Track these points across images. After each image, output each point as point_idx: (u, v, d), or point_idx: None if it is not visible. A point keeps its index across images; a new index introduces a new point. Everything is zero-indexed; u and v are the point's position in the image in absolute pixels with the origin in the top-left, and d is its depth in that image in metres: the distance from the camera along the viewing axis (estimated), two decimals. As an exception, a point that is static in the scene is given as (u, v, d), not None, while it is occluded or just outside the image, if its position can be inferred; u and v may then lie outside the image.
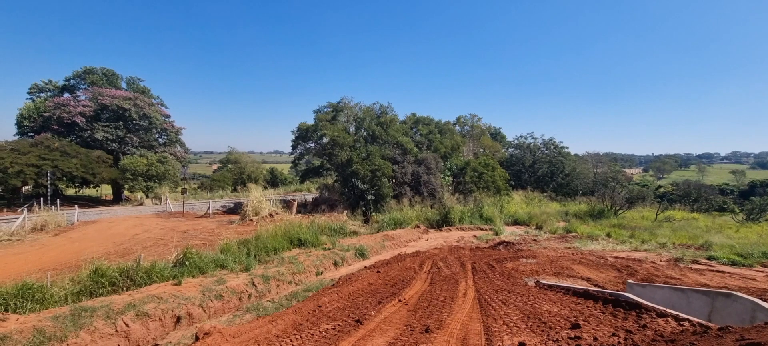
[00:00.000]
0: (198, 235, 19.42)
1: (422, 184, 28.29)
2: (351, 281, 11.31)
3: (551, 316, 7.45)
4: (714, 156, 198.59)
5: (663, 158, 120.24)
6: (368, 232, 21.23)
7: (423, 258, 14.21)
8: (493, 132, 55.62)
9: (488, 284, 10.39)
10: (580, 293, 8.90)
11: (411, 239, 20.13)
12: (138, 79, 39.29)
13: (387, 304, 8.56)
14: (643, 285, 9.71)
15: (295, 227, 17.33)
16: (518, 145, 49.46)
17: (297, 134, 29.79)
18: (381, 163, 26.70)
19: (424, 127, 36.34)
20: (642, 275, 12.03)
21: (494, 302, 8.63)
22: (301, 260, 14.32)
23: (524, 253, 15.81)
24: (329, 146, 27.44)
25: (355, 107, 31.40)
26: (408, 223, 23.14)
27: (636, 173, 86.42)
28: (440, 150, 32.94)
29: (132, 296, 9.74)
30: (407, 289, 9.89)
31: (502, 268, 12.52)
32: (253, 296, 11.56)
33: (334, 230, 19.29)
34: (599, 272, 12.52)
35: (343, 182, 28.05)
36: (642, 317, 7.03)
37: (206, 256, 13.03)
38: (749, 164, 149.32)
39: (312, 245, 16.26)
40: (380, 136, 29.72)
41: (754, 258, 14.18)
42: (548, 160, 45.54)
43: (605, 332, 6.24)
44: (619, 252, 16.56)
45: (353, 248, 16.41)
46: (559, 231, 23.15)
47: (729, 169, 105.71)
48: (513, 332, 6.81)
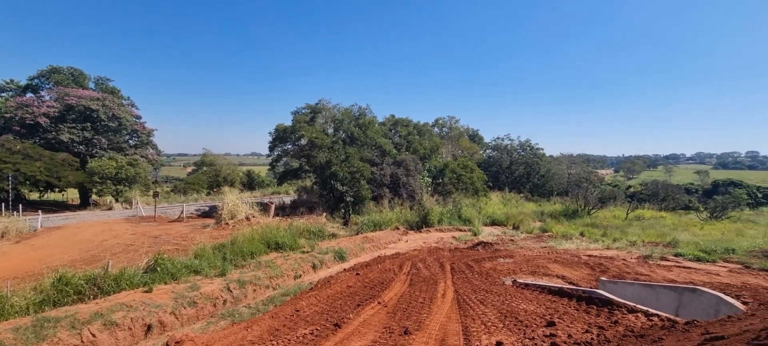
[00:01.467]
0: (171, 240, 18.77)
1: (401, 185, 28.35)
2: (330, 284, 11.17)
3: (528, 315, 7.55)
4: (680, 157, 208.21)
5: (633, 159, 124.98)
6: (347, 234, 21.08)
7: (402, 260, 14.20)
8: (471, 134, 56.41)
9: (467, 284, 10.46)
10: (556, 292, 9.07)
11: (390, 241, 20.11)
12: (107, 79, 37.73)
13: (366, 306, 8.48)
14: (614, 282, 10.00)
15: (273, 230, 17.00)
16: (495, 147, 50.36)
17: (274, 136, 29.29)
18: (360, 165, 26.59)
19: (403, 128, 36.46)
20: (614, 272, 12.40)
21: (472, 302, 8.69)
22: (278, 263, 14.05)
23: (502, 253, 16.04)
24: (307, 148, 27.11)
25: (334, 109, 31.17)
26: (387, 225, 23.12)
27: (608, 173, 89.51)
28: (419, 152, 33.11)
29: (99, 304, 9.29)
30: (387, 291, 9.84)
31: (480, 268, 12.65)
32: (229, 302, 11.25)
33: (312, 232, 19.04)
34: (573, 270, 12.83)
35: (322, 184, 27.77)
36: (614, 313, 7.22)
37: (179, 261, 12.60)
38: (712, 165, 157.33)
39: (290, 248, 15.99)
40: (359, 138, 29.61)
41: (717, 254, 14.86)
42: (524, 161, 46.55)
43: (579, 329, 6.37)
44: (592, 250, 17.04)
45: (332, 251, 16.24)
46: (535, 231, 23.64)
47: (694, 169, 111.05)
48: (491, 331, 6.86)
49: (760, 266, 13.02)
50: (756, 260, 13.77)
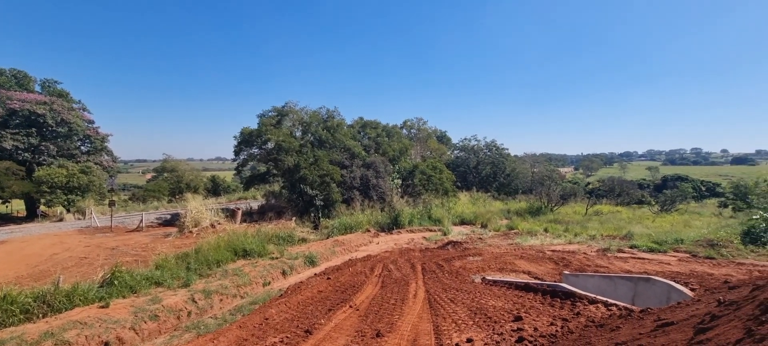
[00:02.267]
0: (129, 251, 17.78)
1: (371, 188, 28.34)
2: (300, 289, 10.97)
3: (496, 310, 7.73)
4: (633, 154, 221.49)
5: (591, 157, 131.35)
6: (318, 238, 20.81)
7: (374, 262, 14.17)
8: (439, 135, 57.30)
9: (437, 283, 10.59)
10: (522, 287, 9.36)
11: (362, 244, 20.04)
12: (55, 82, 35.20)
13: (338, 311, 8.39)
14: (576, 275, 10.45)
15: (240, 236, 16.50)
16: (463, 148, 51.43)
17: (240, 139, 28.45)
18: (329, 168, 26.34)
19: (372, 130, 36.50)
20: (576, 265, 12.94)
21: (443, 301, 8.80)
22: (246, 271, 13.64)
23: (471, 251, 16.37)
24: (275, 152, 26.54)
25: (301, 112, 30.71)
26: (358, 227, 23.02)
27: (568, 171, 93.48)
28: (389, 153, 33.24)
29: (49, 323, 8.64)
30: (358, 294, 9.78)
31: (450, 267, 12.84)
32: (194, 314, 10.79)
33: (281, 238, 18.64)
34: (539, 265, 13.28)
35: (291, 188, 27.27)
36: (576, 305, 7.53)
37: (139, 273, 11.96)
38: (662, 161, 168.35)
39: (258, 254, 15.57)
40: (328, 141, 29.34)
41: (667, 245, 15.87)
42: (491, 161, 47.82)
43: (544, 322, 6.60)
44: (556, 245, 17.74)
45: (302, 256, 15.97)
46: (502, 228, 24.31)
47: (645, 165, 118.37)
48: (461, 329, 6.98)
49: (706, 255, 14.03)
50: (702, 249, 14.83)
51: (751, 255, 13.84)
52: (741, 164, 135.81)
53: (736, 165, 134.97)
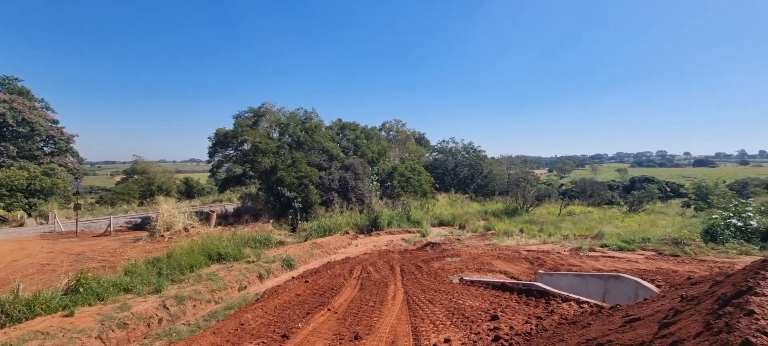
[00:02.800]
0: (96, 256, 17.02)
1: (350, 189, 28.23)
2: (277, 293, 10.79)
3: (473, 310, 7.84)
4: (603, 157, 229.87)
5: (564, 159, 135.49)
6: (296, 241, 20.53)
7: (353, 264, 14.11)
8: (417, 137, 57.70)
9: (416, 284, 10.63)
10: (499, 286, 9.53)
11: (340, 246, 19.91)
12: (15, 79, 33.33)
13: (316, 314, 8.30)
14: (550, 274, 10.72)
15: (215, 240, 16.07)
16: (441, 150, 52.00)
17: (215, 140, 27.74)
18: (307, 169, 26.07)
19: (351, 132, 36.39)
20: (550, 265, 13.27)
21: (422, 302, 8.84)
22: (221, 275, 13.30)
23: (449, 252, 16.53)
24: (251, 153, 26.03)
25: (279, 112, 30.26)
26: (337, 229, 22.87)
27: (543, 173, 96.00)
28: (367, 155, 33.20)
29: (8, 334, 8.15)
30: (337, 297, 9.71)
31: (429, 268, 12.93)
32: (166, 321, 10.42)
33: (258, 241, 18.29)
34: (514, 265, 13.55)
35: (268, 190, 26.83)
36: (550, 304, 7.73)
37: (106, 279, 11.46)
38: (630, 163, 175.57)
39: (234, 258, 15.21)
40: (306, 142, 29.04)
41: (635, 243, 16.50)
42: (469, 163, 48.55)
43: (520, 321, 6.74)
44: (531, 245, 18.14)
45: (280, 259, 15.71)
46: (479, 229, 24.67)
47: (615, 167, 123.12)
48: (439, 329, 7.03)
49: (671, 252, 14.68)
50: (667, 246, 15.50)
51: (711, 252, 14.57)
52: (702, 166, 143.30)
53: (697, 167, 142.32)
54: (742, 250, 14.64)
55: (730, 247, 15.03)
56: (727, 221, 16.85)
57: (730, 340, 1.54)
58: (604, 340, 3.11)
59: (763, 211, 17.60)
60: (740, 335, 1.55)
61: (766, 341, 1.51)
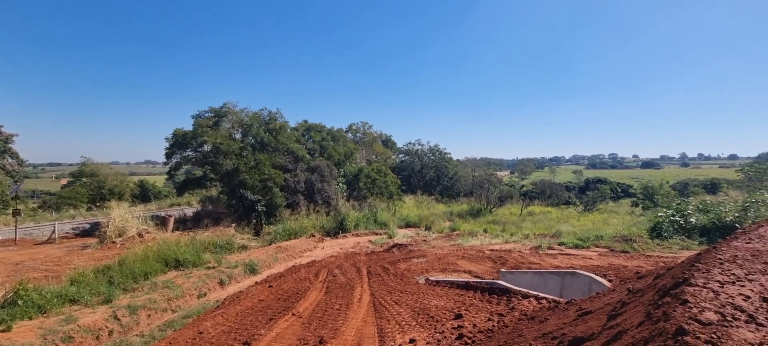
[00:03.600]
0: (38, 266, 15.71)
1: (316, 192, 27.86)
2: (239, 299, 10.42)
3: (438, 310, 7.94)
4: (561, 159, 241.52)
5: (525, 162, 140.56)
6: (259, 245, 19.98)
7: (318, 267, 13.91)
8: (384, 139, 57.91)
9: (383, 286, 10.64)
10: (463, 286, 9.72)
11: (306, 249, 19.58)
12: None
13: (279, 319, 8.10)
14: (512, 272, 11.09)
15: (172, 246, 15.31)
16: (407, 152, 52.48)
17: (172, 141, 26.43)
18: (272, 171, 25.46)
19: (317, 134, 35.95)
20: (511, 263, 13.71)
21: (388, 304, 8.86)
22: (179, 283, 12.69)
23: (415, 253, 16.68)
24: (212, 155, 25.06)
25: (241, 113, 29.33)
26: (303, 232, 22.48)
27: (505, 174, 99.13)
28: (334, 157, 32.93)
29: (-73, 356, 7.35)
30: (302, 301, 9.52)
31: (395, 269, 12.97)
32: (117, 332, 9.79)
33: (219, 246, 17.62)
34: (478, 264, 13.89)
35: (230, 193, 25.93)
36: (511, 301, 7.97)
37: (49, 290, 10.63)
38: (585, 165, 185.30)
39: (193, 264, 14.56)
40: (270, 144, 28.35)
41: (590, 241, 17.42)
42: (434, 165, 49.32)
43: (482, 318, 6.90)
44: (494, 245, 18.68)
45: (242, 264, 15.21)
46: (445, 230, 25.10)
47: (571, 169, 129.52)
48: (404, 330, 7.06)
49: (621, 249, 15.62)
50: (618, 243, 16.48)
51: (657, 248, 15.65)
52: (649, 168, 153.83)
53: (645, 169, 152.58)
54: (684, 245, 15.84)
55: (673, 242, 16.22)
56: (671, 219, 18.19)
57: (667, 327, 1.65)
58: (559, 333, 3.24)
59: (701, 209, 19.13)
60: (675, 322, 1.66)
61: (697, 327, 1.63)
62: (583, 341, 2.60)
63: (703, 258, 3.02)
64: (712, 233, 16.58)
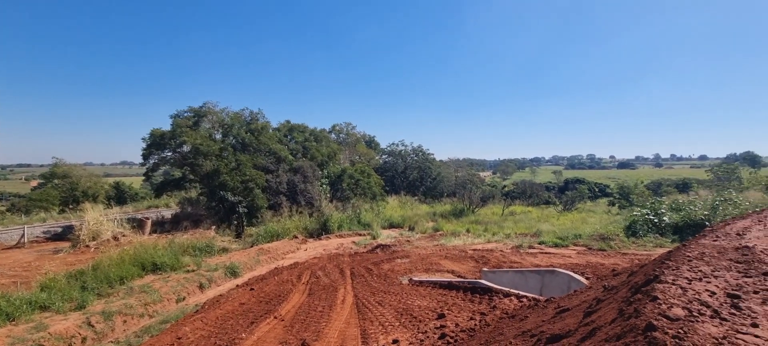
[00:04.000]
0: (6, 272, 15.04)
1: (299, 193, 27.61)
2: (219, 303, 10.23)
3: (421, 310, 7.99)
4: (541, 160, 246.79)
5: (506, 162, 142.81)
6: (241, 247, 19.65)
7: (301, 269, 13.78)
8: (367, 140, 57.84)
9: (366, 287, 10.63)
10: (446, 285, 9.80)
11: (289, 251, 19.38)
12: None
13: (261, 323, 7.98)
14: (494, 271, 11.24)
15: (149, 249, 14.90)
16: (391, 153, 52.54)
17: (150, 142, 25.70)
18: (253, 172, 25.09)
19: (300, 134, 35.64)
20: (493, 262, 13.91)
21: (371, 305, 8.85)
22: (156, 287, 12.36)
23: (399, 253, 16.72)
24: (191, 155, 24.51)
25: (222, 113, 28.79)
26: (285, 234, 22.23)
27: (487, 175, 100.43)
28: (317, 158, 32.69)
29: None
30: (284, 303, 9.42)
31: (379, 270, 12.98)
32: (90, 339, 9.46)
33: (199, 248, 17.24)
34: (461, 264, 14.03)
35: (210, 195, 25.41)
36: (493, 299, 8.09)
37: (18, 297, 10.20)
38: (564, 166, 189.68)
39: (171, 268, 14.22)
40: (251, 144, 27.93)
41: (569, 240, 17.83)
42: (418, 166, 49.54)
43: (465, 318, 6.98)
44: (477, 245, 18.90)
45: (223, 267, 14.93)
46: (428, 231, 25.25)
47: (551, 170, 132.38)
48: (387, 331, 7.07)
49: (598, 247, 16.05)
50: (595, 242, 16.93)
51: (632, 246, 16.15)
52: (625, 168, 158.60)
53: (621, 169, 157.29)
54: (657, 243, 16.40)
55: (647, 240, 16.78)
56: (645, 218, 18.81)
57: (637, 324, 1.71)
58: (538, 331, 3.31)
59: (674, 208, 19.85)
60: (645, 318, 1.72)
61: (665, 323, 1.69)
62: (560, 338, 2.66)
63: (673, 256, 3.13)
64: (683, 230, 17.23)
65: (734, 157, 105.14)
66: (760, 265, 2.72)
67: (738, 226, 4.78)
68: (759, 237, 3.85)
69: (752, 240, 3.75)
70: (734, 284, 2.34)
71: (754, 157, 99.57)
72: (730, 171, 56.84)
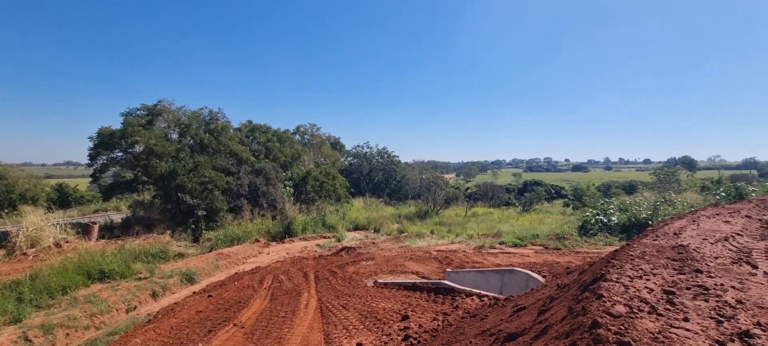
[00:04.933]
0: (-75, 284, 13.49)
1: (261, 195, 26.89)
2: (174, 312, 9.74)
3: (386, 312, 8.02)
4: (502, 162, 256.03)
5: (469, 165, 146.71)
6: (198, 252, 18.83)
7: (263, 274, 13.41)
8: (333, 142, 57.39)
9: (330, 290, 10.52)
10: (410, 287, 9.91)
11: (250, 255, 18.80)
12: None
13: (219, 331, 7.69)
14: (457, 272, 11.50)
15: (96, 256, 13.92)
16: (356, 155, 52.45)
17: (97, 141, 24.03)
18: (213, 174, 24.13)
19: (262, 135, 34.74)
20: (457, 263, 14.22)
21: (335, 308, 8.78)
22: (104, 296, 11.57)
23: (364, 256, 16.69)
24: (145, 156, 23.21)
25: (178, 112, 27.50)
26: (247, 238, 21.56)
27: (451, 177, 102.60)
28: (280, 159, 32.01)
29: None
30: (244, 310, 9.12)
31: (343, 273, 12.88)
32: (27, 356, 8.69)
33: (152, 254, 16.33)
34: (425, 265, 14.22)
35: (165, 197, 24.14)
36: (456, 299, 8.27)
37: (-62, 313, 9.17)
38: (523, 168, 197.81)
39: (121, 275, 13.36)
40: (211, 145, 26.87)
41: (527, 240, 18.59)
42: (383, 168, 49.78)
43: (428, 318, 7.08)
44: (441, 246, 19.25)
45: (178, 273, 14.23)
46: (393, 232, 25.41)
47: (511, 172, 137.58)
48: (352, 334, 7.04)
49: (554, 246, 16.85)
50: (551, 241, 17.76)
51: (585, 245, 17.10)
52: (578, 171, 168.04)
53: (575, 172, 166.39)
54: (607, 241, 17.46)
55: (598, 239, 17.83)
56: (596, 218, 19.98)
57: (584, 321, 1.82)
58: (496, 329, 3.42)
59: (621, 209, 21.24)
60: (591, 316, 1.83)
61: (608, 320, 1.81)
62: (516, 337, 2.77)
63: (618, 255, 3.35)
64: (630, 229, 18.47)
65: (674, 161, 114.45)
66: (693, 262, 2.98)
67: (675, 226, 5.20)
68: (692, 236, 4.22)
69: (687, 239, 4.09)
70: (670, 281, 2.54)
71: (691, 161, 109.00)
72: (670, 174, 61.75)
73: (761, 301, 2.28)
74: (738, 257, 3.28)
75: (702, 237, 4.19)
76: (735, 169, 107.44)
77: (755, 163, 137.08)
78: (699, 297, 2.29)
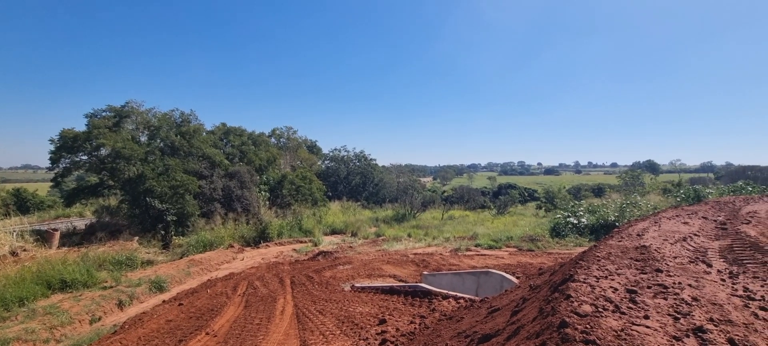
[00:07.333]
0: None
1: (235, 199, 26.28)
2: (143, 321, 9.36)
3: (363, 316, 7.99)
4: (477, 166, 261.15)
5: (446, 168, 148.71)
6: (168, 259, 18.18)
7: (237, 280, 13.10)
8: (309, 145, 56.82)
9: (307, 296, 10.39)
10: (387, 290, 9.92)
11: (224, 261, 18.32)
12: None
13: (191, 341, 7.46)
14: (434, 275, 11.61)
15: (57, 265, 13.21)
16: (333, 158, 52.14)
17: (59, 144, 22.81)
18: (184, 178, 23.39)
19: (237, 138, 34.01)
20: (433, 265, 14.35)
21: (312, 314, 8.68)
22: (65, 307, 10.98)
23: (341, 260, 16.58)
24: (111, 159, 22.23)
25: (148, 113, 26.54)
26: (220, 243, 20.99)
27: (428, 180, 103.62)
28: (255, 163, 31.40)
29: None
30: (217, 318, 8.88)
31: (320, 278, 12.76)
32: (-22, 373, 8.13)
33: (118, 262, 15.64)
34: (403, 268, 14.28)
35: (133, 202, 23.18)
36: (432, 302, 8.34)
37: None
38: (498, 172, 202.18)
39: (84, 285, 12.73)
40: (182, 148, 26.04)
41: (502, 242, 18.99)
42: (360, 171, 49.68)
43: (405, 322, 7.11)
44: (418, 249, 19.37)
45: (147, 281, 13.69)
46: (371, 236, 25.38)
47: (486, 175, 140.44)
48: (328, 340, 6.98)
49: (528, 248, 17.29)
50: (525, 243, 18.22)
51: (556, 246, 17.63)
52: (550, 175, 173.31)
53: (547, 175, 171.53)
54: (577, 242, 18.08)
55: (569, 240, 18.43)
56: (566, 220, 20.65)
57: (553, 321, 1.89)
58: (471, 331, 3.48)
59: (590, 210, 22.05)
60: (560, 316, 1.91)
61: (576, 319, 1.89)
62: (490, 338, 2.83)
63: (586, 256, 3.49)
64: (598, 230, 19.19)
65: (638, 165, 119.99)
66: (654, 262, 3.15)
67: (639, 227, 5.46)
68: (654, 237, 4.45)
69: (649, 240, 4.31)
70: (633, 281, 2.68)
71: (654, 165, 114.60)
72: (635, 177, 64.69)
73: (715, 298, 2.43)
74: (695, 257, 3.49)
75: (663, 238, 4.42)
76: (694, 172, 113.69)
77: (712, 166, 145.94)
78: (659, 295, 2.42)
